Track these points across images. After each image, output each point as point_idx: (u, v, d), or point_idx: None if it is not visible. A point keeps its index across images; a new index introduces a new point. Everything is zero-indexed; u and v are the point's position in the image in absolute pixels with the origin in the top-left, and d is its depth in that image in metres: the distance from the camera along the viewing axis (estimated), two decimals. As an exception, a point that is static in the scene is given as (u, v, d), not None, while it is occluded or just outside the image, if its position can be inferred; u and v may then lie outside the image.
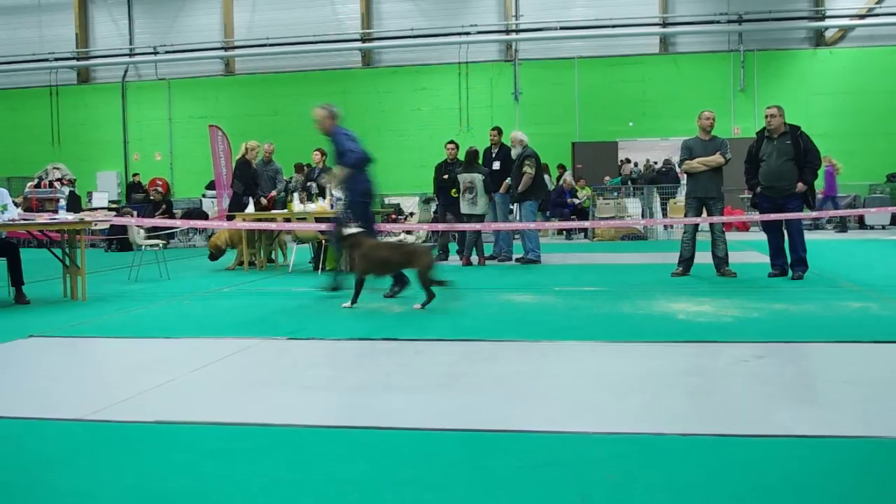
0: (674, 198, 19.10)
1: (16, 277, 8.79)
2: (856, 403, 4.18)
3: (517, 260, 12.93)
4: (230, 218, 12.95)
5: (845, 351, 5.59)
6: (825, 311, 7.26)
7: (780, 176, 9.71)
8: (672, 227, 18.27)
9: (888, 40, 22.90)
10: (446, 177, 13.06)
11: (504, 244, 13.30)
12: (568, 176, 21.58)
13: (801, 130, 9.84)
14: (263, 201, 13.51)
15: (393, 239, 11.84)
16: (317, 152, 14.39)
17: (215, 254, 12.73)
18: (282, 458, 3.44)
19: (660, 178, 21.45)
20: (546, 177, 17.64)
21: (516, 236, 14.03)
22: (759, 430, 3.64)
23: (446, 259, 13.34)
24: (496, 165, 12.99)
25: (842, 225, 20.56)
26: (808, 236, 10.37)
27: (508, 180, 12.79)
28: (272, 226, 12.03)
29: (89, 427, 3.96)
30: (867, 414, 3.97)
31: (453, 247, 14.08)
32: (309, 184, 14.03)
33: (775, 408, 4.03)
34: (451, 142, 13.60)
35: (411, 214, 21.74)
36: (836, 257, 12.61)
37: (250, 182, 13.30)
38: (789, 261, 9.78)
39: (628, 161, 23.51)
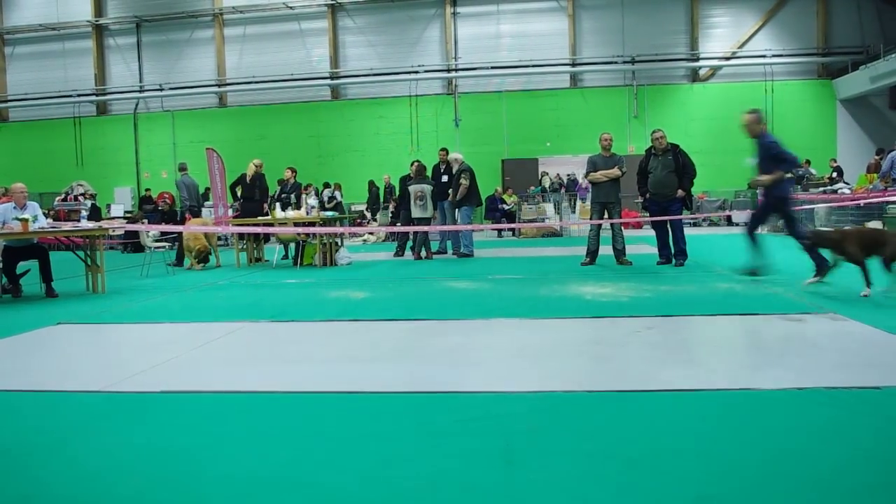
0: (583, 202, 19.23)
1: (46, 275, 8.64)
2: (724, 363, 4.27)
3: (454, 254, 12.86)
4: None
5: (716, 322, 5.70)
6: (701, 290, 7.39)
7: (665, 184, 9.86)
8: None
9: (747, 77, 23.42)
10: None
11: (462, 240, 12.65)
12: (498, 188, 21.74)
13: (680, 148, 10.00)
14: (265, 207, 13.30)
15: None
16: (287, 170, 14.24)
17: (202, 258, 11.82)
18: (265, 419, 3.42)
19: (571, 186, 21.74)
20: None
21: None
22: (649, 386, 3.71)
23: (402, 254, 13.26)
24: (444, 178, 12.92)
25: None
26: (687, 232, 10.53)
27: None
28: (258, 229, 11.81)
29: (107, 397, 3.89)
30: (732, 371, 4.06)
31: (408, 244, 14.02)
32: (284, 195, 13.83)
33: (661, 368, 4.10)
34: (417, 161, 13.33)
35: (375, 219, 21.68)
36: (709, 248, 12.80)
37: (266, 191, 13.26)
38: (673, 251, 9.95)
39: (546, 174, 23.62)
